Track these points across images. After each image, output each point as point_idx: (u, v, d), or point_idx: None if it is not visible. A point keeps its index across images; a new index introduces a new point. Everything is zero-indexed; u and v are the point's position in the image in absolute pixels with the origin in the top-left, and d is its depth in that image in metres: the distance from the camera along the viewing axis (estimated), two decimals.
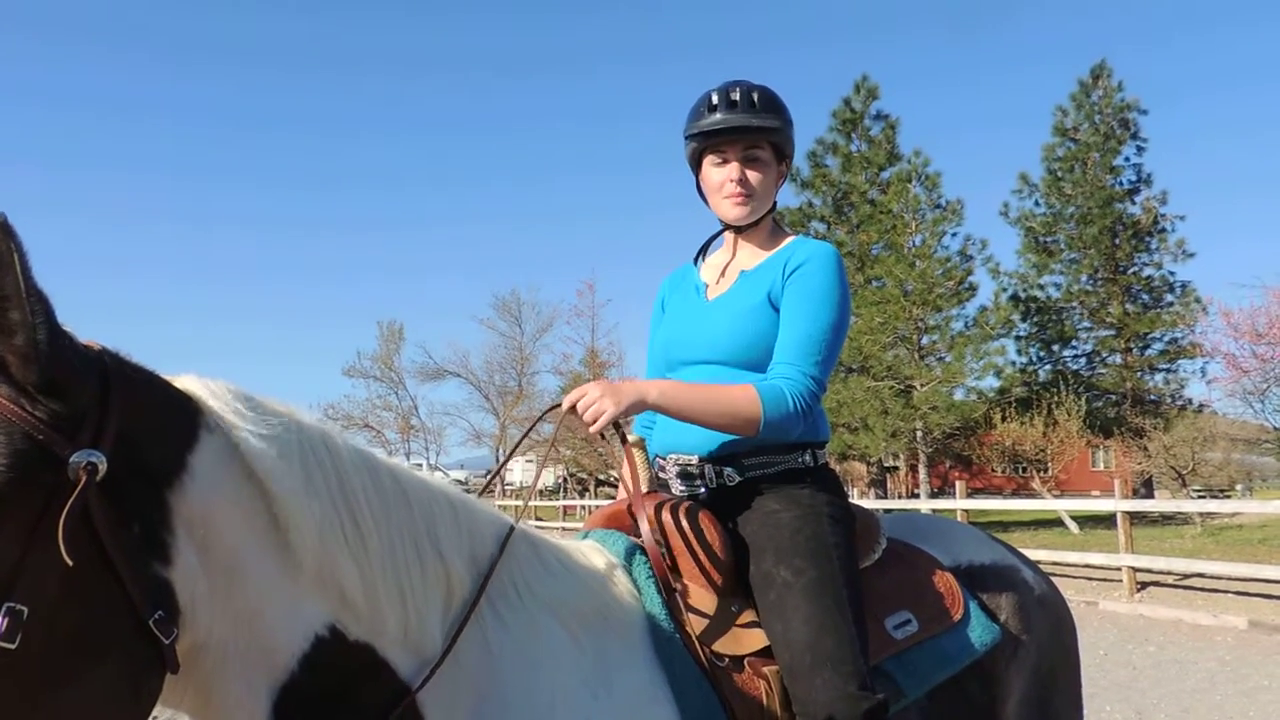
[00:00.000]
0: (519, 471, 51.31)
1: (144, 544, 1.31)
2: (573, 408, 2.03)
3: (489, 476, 2.39)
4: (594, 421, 1.99)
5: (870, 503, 21.05)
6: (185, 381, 1.47)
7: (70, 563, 1.20)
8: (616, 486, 2.50)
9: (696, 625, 1.93)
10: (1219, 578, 12.36)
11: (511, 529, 1.82)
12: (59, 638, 1.22)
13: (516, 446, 2.43)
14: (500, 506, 2.43)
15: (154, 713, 1.38)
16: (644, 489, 2.26)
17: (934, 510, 17.17)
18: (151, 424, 1.36)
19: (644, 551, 2.02)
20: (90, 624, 1.25)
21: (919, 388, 26.08)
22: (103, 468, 1.25)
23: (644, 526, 2.01)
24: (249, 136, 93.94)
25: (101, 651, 1.26)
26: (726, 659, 1.93)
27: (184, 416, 1.41)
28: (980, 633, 2.26)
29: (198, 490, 1.38)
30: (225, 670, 1.44)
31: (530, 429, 2.38)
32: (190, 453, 1.39)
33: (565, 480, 46.74)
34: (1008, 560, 2.51)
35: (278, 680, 1.47)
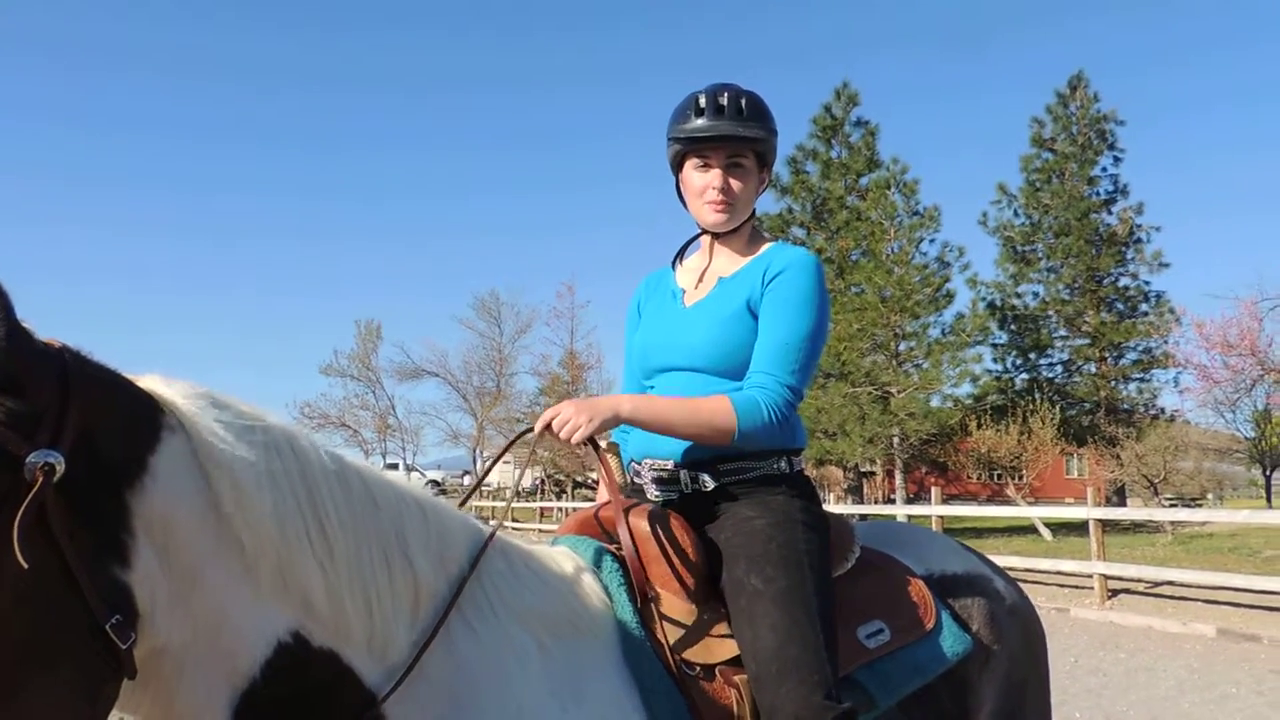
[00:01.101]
0: (496, 473, 51.16)
1: (102, 546, 1.29)
2: (547, 427, 2.03)
3: (470, 489, 2.38)
4: (570, 438, 1.99)
5: (847, 508, 21.11)
6: (148, 381, 1.44)
7: (25, 565, 1.18)
8: (594, 489, 2.51)
9: (668, 633, 1.92)
10: (1189, 586, 12.47)
11: (487, 541, 1.80)
12: (12, 642, 1.19)
13: (493, 464, 2.42)
14: (476, 508, 2.40)
15: (111, 718, 1.35)
16: (619, 495, 2.25)
17: (909, 516, 17.23)
18: (112, 424, 1.33)
19: (615, 558, 2.01)
20: (45, 628, 1.23)
21: (896, 394, 26.21)
22: (60, 468, 1.22)
23: (622, 533, 1.99)
24: (227, 145, 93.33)
25: (56, 656, 1.24)
26: (698, 667, 1.92)
27: (146, 417, 1.38)
28: (952, 642, 2.26)
29: (159, 492, 1.35)
30: (185, 676, 1.41)
31: (503, 453, 2.36)
32: (152, 454, 1.36)
33: (543, 482, 46.65)
34: (980, 570, 2.52)
35: (239, 686, 1.44)
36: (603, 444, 2.18)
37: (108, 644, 1.28)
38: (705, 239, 2.41)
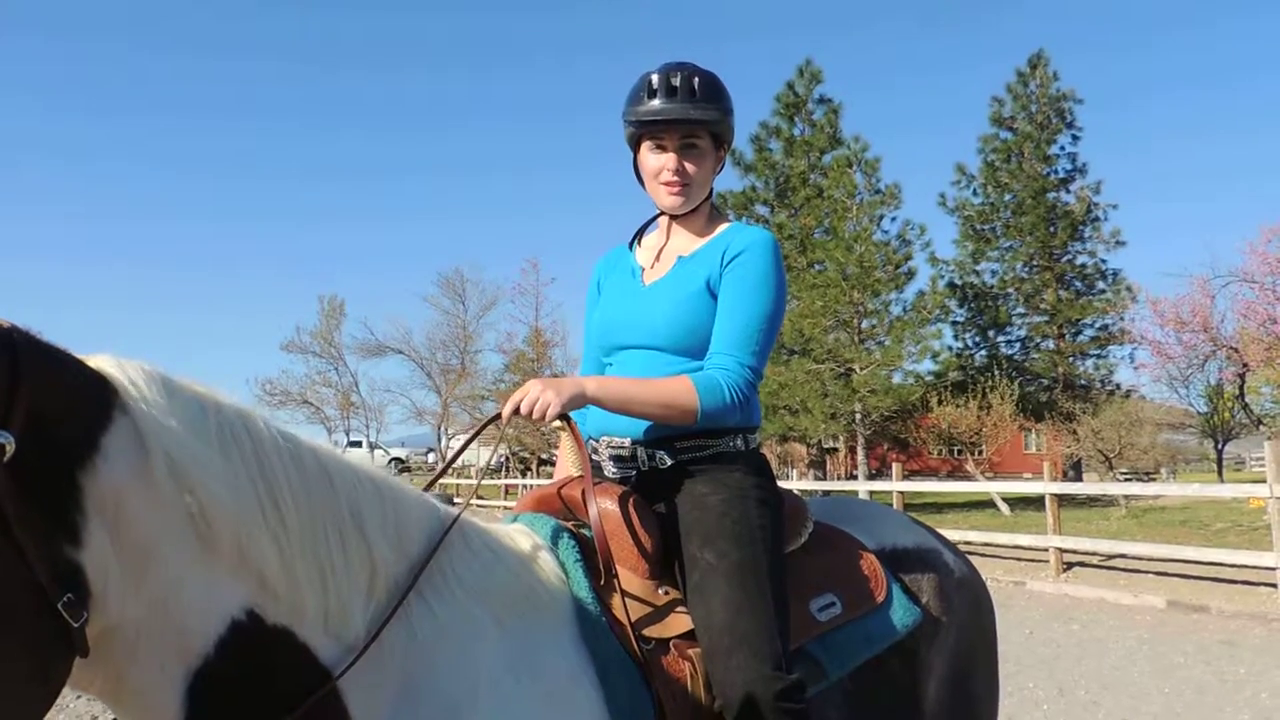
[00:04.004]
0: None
1: (53, 526, 1.28)
2: (515, 410, 2.03)
3: (437, 474, 2.37)
4: (541, 417, 1.99)
5: (810, 484, 21.27)
6: (99, 361, 1.43)
7: None
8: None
9: (624, 609, 1.94)
10: (1140, 558, 12.77)
11: (450, 524, 1.81)
12: None
13: (463, 448, 2.41)
14: (441, 484, 2.40)
15: (63, 695, 1.35)
16: (576, 473, 2.27)
17: (871, 492, 17.43)
18: (63, 404, 1.32)
19: (572, 535, 2.03)
20: None
21: (858, 371, 26.41)
22: (10, 448, 1.22)
23: (591, 512, 2.02)
24: (189, 119, 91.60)
25: (6, 635, 1.23)
26: (653, 642, 1.95)
27: (97, 397, 1.38)
28: (902, 614, 2.31)
29: (110, 472, 1.35)
30: (138, 653, 1.42)
31: (473, 438, 2.36)
32: (103, 434, 1.36)
33: (508, 459, 46.56)
34: (930, 543, 2.57)
35: (192, 664, 1.45)
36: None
37: (59, 623, 1.28)
38: (664, 218, 2.42)
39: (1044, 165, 32.95)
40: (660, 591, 2.06)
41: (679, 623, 2.02)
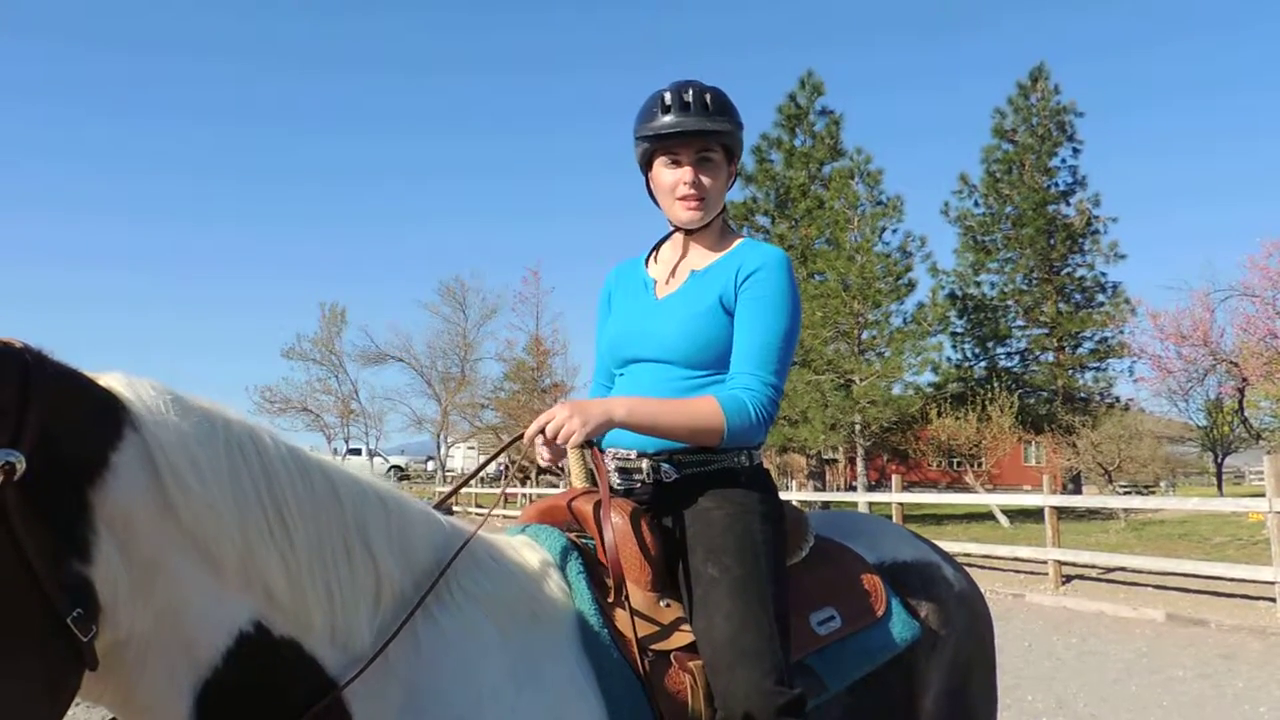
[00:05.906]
0: (460, 458, 50.82)
1: (63, 542, 1.30)
2: (541, 432, 2.04)
3: (454, 488, 2.38)
4: (565, 442, 2.02)
5: (809, 495, 21.26)
6: (109, 379, 1.46)
7: None
8: (559, 475, 2.51)
9: (626, 621, 1.96)
10: (1140, 571, 12.76)
11: (464, 543, 1.82)
12: None
13: (482, 467, 2.41)
14: (436, 492, 2.40)
15: (73, 708, 1.37)
16: (580, 484, 2.29)
17: (870, 504, 17.43)
18: (74, 422, 1.35)
19: (576, 547, 2.05)
20: (5, 623, 1.24)
21: (858, 382, 26.41)
22: (21, 467, 1.24)
23: (607, 533, 2.03)
24: (191, 125, 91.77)
25: (16, 650, 1.25)
26: (655, 654, 1.97)
27: (107, 415, 1.40)
28: (901, 628, 2.32)
29: (121, 489, 1.37)
30: (147, 666, 1.44)
31: (492, 459, 2.37)
32: (113, 451, 1.38)
33: (507, 467, 46.47)
34: (929, 558, 2.58)
35: (201, 676, 1.47)
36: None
37: (69, 638, 1.30)
38: (678, 234, 2.43)
39: (1044, 177, 33.03)
40: (662, 604, 2.07)
41: (680, 635, 2.03)
